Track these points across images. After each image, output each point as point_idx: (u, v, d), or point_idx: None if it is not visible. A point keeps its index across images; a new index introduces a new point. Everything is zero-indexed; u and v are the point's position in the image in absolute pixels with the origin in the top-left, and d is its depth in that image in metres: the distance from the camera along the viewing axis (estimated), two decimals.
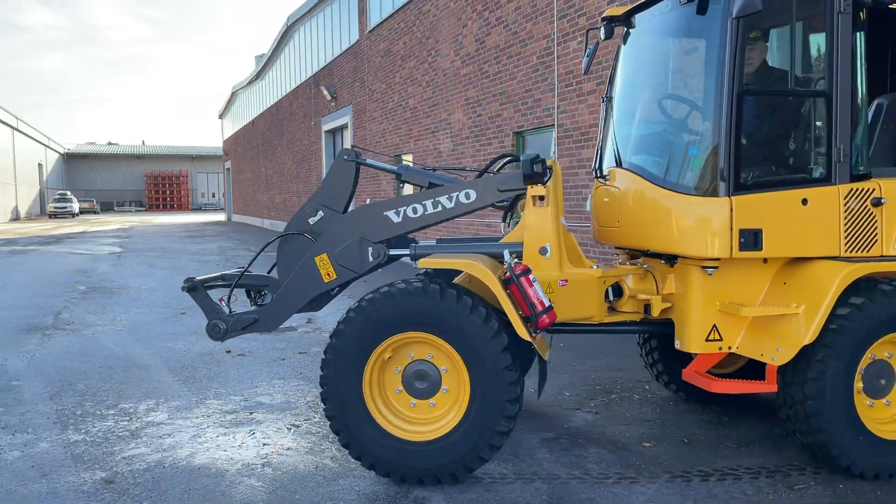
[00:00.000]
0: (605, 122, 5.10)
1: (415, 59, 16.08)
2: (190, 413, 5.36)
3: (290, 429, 4.99)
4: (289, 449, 4.60)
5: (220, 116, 50.73)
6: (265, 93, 35.04)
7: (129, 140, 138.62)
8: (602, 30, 4.90)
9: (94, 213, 61.46)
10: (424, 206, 4.38)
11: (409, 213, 4.39)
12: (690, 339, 4.27)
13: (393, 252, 4.41)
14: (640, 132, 4.69)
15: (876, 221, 4.09)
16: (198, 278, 4.63)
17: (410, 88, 16.45)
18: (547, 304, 3.89)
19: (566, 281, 4.28)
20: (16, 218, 47.57)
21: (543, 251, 4.26)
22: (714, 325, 4.25)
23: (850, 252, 4.08)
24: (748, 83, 4.10)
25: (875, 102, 4.76)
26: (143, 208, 74.21)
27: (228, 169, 48.03)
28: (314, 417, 5.21)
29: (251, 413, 5.34)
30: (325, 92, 22.67)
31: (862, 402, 4.06)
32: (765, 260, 4.19)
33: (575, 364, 6.74)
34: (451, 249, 4.42)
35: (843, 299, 3.92)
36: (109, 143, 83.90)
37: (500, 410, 3.88)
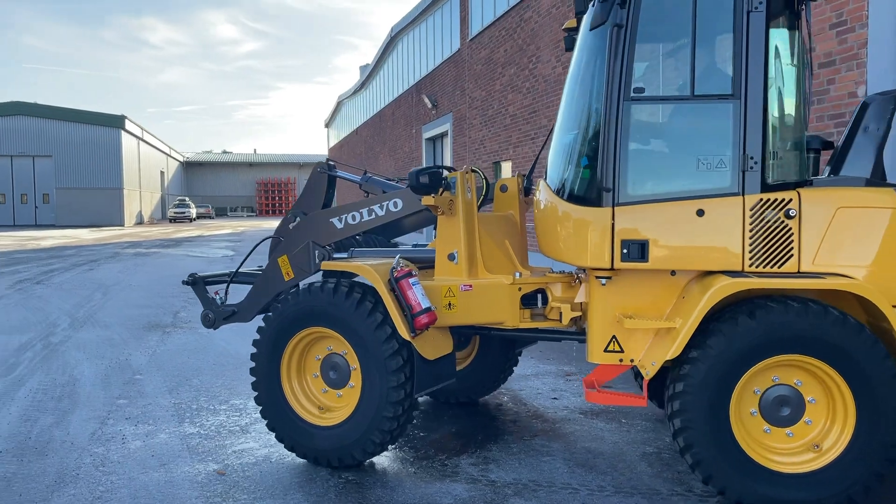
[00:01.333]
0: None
1: (515, 66, 16.08)
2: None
3: None
4: (387, 449, 4.70)
5: (326, 125, 52.52)
6: (369, 102, 36.00)
7: (242, 149, 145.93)
8: (564, 41, 4.77)
9: (210, 217, 65.02)
10: (361, 214, 4.85)
11: (349, 220, 4.87)
12: (590, 350, 4.12)
13: (336, 255, 4.84)
14: (554, 144, 4.53)
15: (791, 235, 3.73)
16: (199, 275, 5.42)
17: (511, 95, 16.46)
18: (424, 305, 4.13)
19: (470, 286, 4.42)
20: (140, 222, 50.99)
21: (451, 257, 4.49)
22: (613, 337, 4.06)
23: (757, 267, 3.76)
24: (637, 91, 3.92)
25: (861, 102, 4.41)
26: (254, 213, 77.90)
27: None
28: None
29: None
30: (427, 100, 23.03)
31: (755, 426, 3.76)
32: (673, 272, 3.97)
33: None
34: (381, 254, 4.82)
35: (727, 316, 3.66)
36: (224, 152, 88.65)
37: (385, 397, 4.21)
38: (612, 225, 3.89)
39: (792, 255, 3.73)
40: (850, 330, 3.53)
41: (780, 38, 4.07)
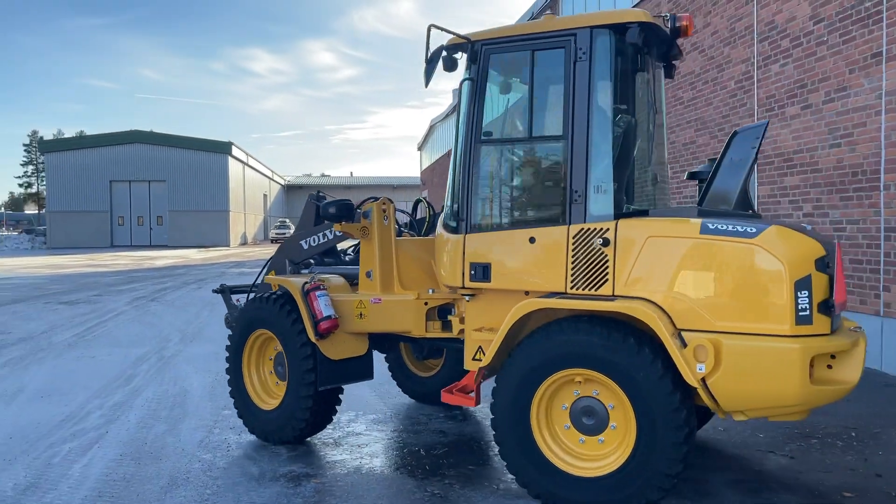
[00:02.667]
0: None
1: None
2: (385, 426, 5.81)
3: (475, 447, 5.25)
4: (471, 466, 4.85)
5: (419, 148, 53.61)
6: None
7: (339, 172, 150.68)
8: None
9: None
10: (317, 238, 5.83)
11: (311, 242, 5.87)
12: (465, 358, 4.64)
13: (303, 271, 5.85)
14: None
15: (607, 261, 4.04)
16: (227, 285, 6.30)
17: None
18: (325, 314, 4.93)
19: (379, 300, 5.09)
20: (244, 242, 53.53)
21: (368, 275, 5.22)
22: (479, 347, 4.55)
23: (576, 289, 4.14)
24: (487, 133, 4.57)
25: (732, 133, 4.75)
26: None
27: (425, 197, 50.47)
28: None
29: (442, 432, 5.68)
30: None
31: (571, 436, 4.11)
32: (527, 292, 4.35)
33: None
34: (325, 271, 5.79)
35: (533, 333, 4.09)
36: (322, 175, 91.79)
37: (297, 391, 5.11)
38: (464, 250, 4.55)
39: (607, 280, 4.06)
40: (628, 349, 3.78)
41: (627, 83, 4.64)
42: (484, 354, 4.43)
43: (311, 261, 6.08)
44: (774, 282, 3.61)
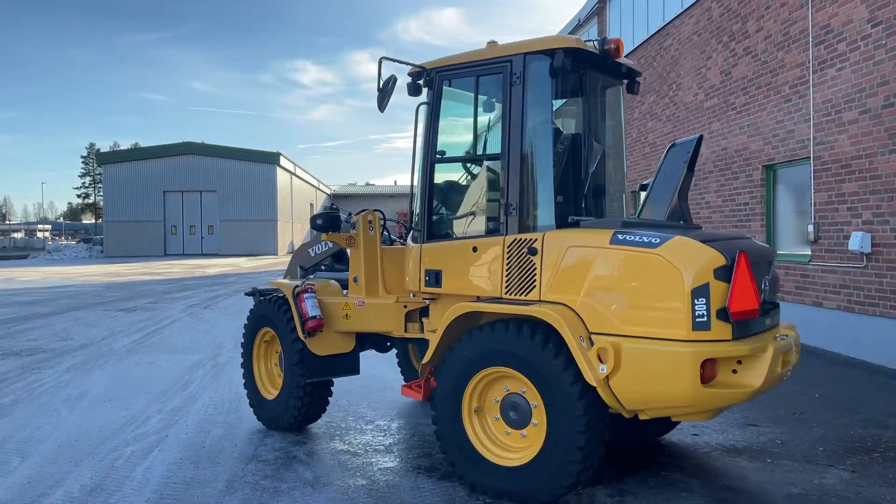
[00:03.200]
0: None
1: (655, 94, 15.87)
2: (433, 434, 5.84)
3: None
4: None
5: None
6: None
7: (383, 181, 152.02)
8: None
9: None
10: (321, 247, 6.46)
11: (316, 250, 6.50)
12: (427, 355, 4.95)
13: (310, 276, 6.33)
14: None
15: (535, 269, 4.40)
16: (258, 288, 6.59)
17: (650, 123, 16.24)
18: (312, 314, 5.45)
19: (363, 302, 5.57)
20: (291, 251, 54.25)
21: (355, 280, 5.74)
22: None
23: (510, 294, 4.52)
24: (440, 152, 5.05)
25: (668, 147, 5.14)
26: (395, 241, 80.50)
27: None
28: None
29: None
30: None
31: (499, 428, 4.49)
32: (479, 297, 4.69)
33: (831, 417, 6.20)
34: (325, 276, 6.32)
35: (467, 334, 4.51)
36: (367, 184, 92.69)
37: (290, 382, 5.81)
38: (420, 258, 5.02)
39: (535, 286, 4.40)
40: (535, 348, 4.14)
41: (571, 105, 5.22)
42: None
43: (322, 266, 6.64)
44: (673, 289, 3.85)
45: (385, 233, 5.98)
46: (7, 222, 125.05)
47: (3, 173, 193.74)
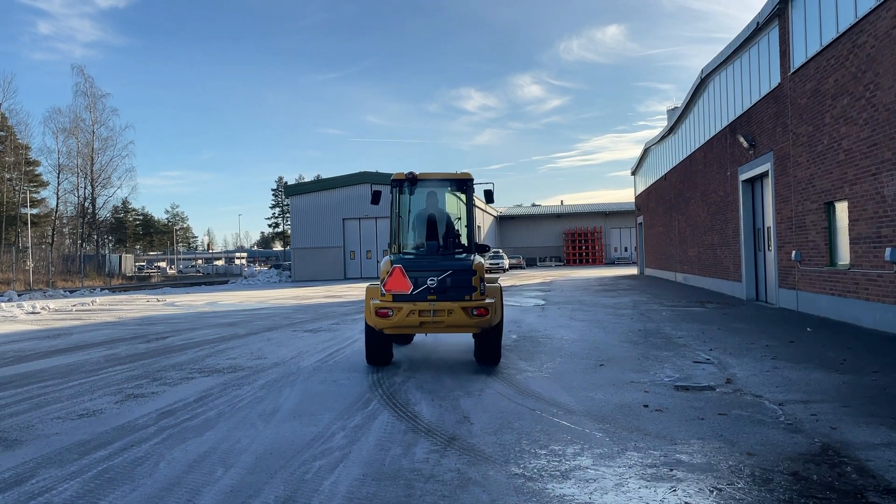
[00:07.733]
0: None
1: (848, 97, 14.50)
2: (612, 462, 5.64)
3: (713, 491, 4.89)
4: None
5: (633, 173, 52.18)
6: (677, 147, 35.06)
7: (548, 201, 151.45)
8: None
9: (521, 268, 68.22)
10: None
11: None
12: None
13: None
14: None
15: None
16: None
17: (843, 128, 14.84)
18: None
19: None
20: None
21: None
22: None
23: None
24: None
25: None
26: (562, 263, 79.77)
27: (640, 223, 48.97)
28: (737, 482, 5.02)
29: (671, 469, 5.38)
30: (743, 140, 21.75)
31: None
32: None
33: None
34: None
35: None
36: (533, 205, 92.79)
37: None
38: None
39: None
40: None
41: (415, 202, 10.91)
42: None
43: None
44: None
45: None
46: (211, 251, 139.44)
47: (207, 207, 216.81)
